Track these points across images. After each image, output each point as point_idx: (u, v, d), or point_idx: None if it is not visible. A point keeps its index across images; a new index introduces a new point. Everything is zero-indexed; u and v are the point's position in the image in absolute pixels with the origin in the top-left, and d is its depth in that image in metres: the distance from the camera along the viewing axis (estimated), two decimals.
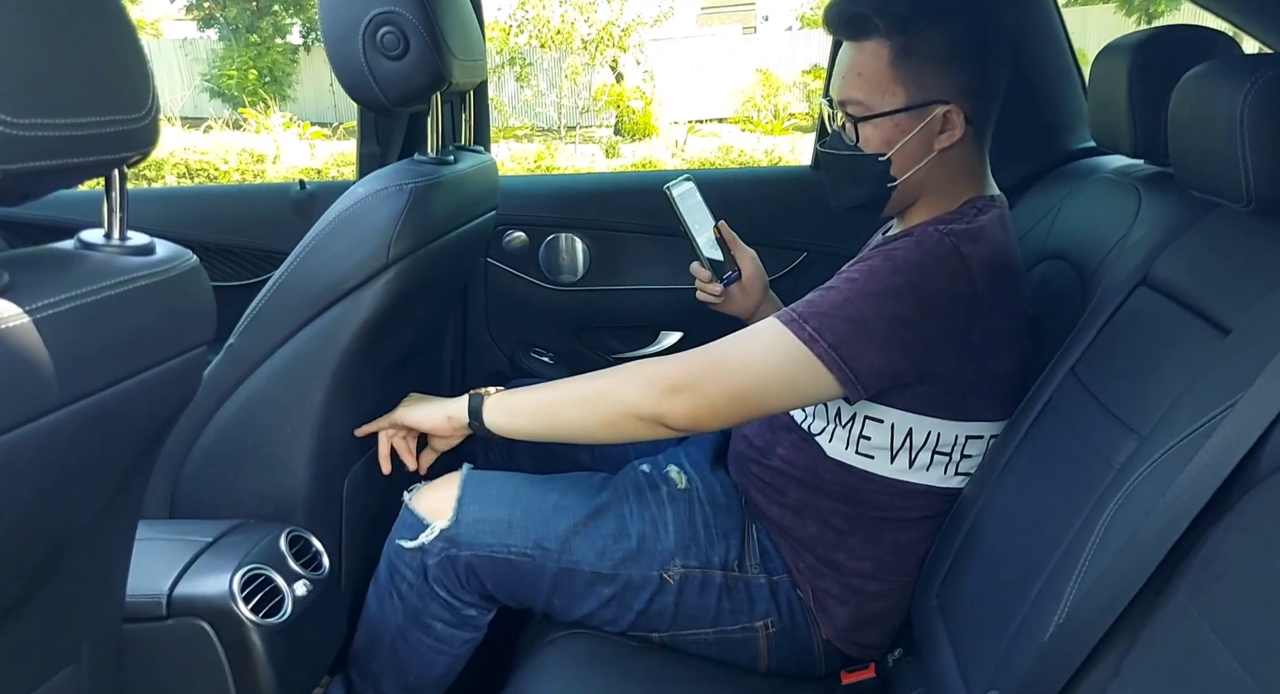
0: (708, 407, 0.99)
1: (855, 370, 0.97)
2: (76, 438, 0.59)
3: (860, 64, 1.05)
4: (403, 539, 1.11)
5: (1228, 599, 0.63)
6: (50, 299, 0.55)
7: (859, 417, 1.07)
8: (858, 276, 0.99)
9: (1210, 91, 0.81)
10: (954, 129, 1.05)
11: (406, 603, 1.11)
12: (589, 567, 1.08)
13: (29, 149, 0.52)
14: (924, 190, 1.09)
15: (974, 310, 0.99)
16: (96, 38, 0.58)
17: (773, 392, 0.99)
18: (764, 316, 1.32)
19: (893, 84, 1.04)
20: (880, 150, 1.06)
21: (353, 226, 1.11)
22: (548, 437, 1.10)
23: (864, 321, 0.97)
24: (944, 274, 0.99)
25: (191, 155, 7.15)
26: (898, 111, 1.04)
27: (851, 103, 1.07)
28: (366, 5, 1.08)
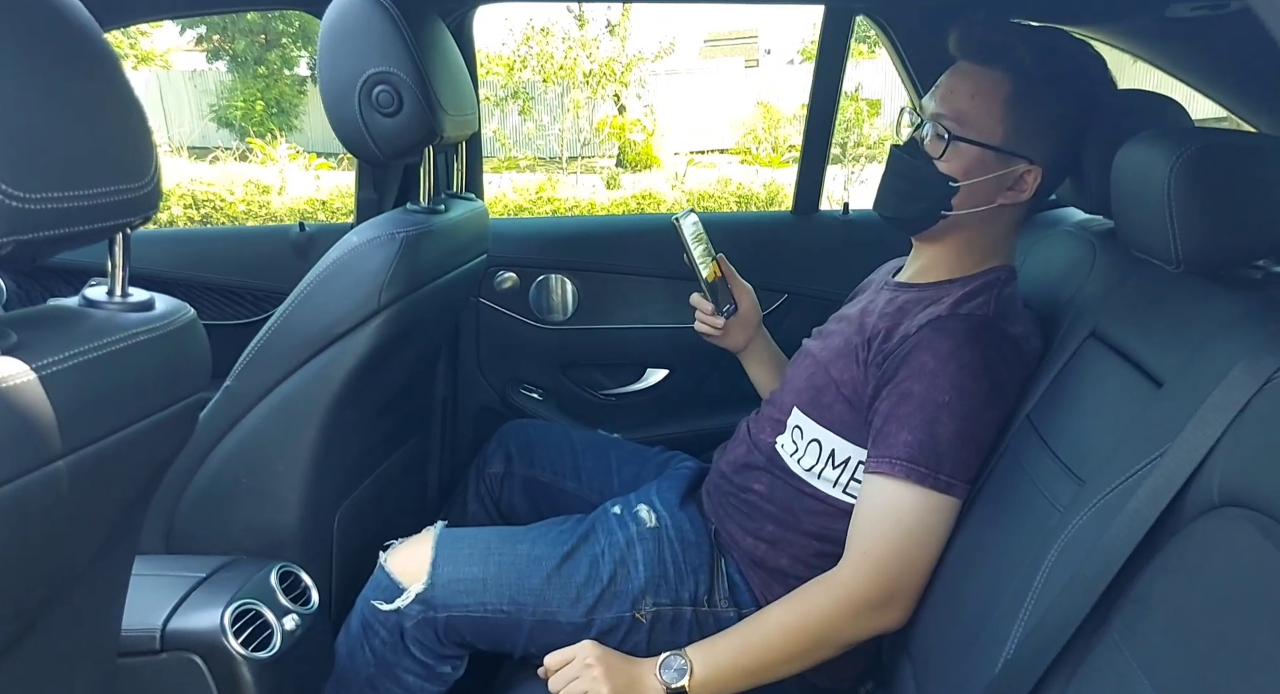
0: (912, 599, 1.02)
1: (972, 481, 1.02)
2: (78, 483, 0.63)
3: (976, 86, 1.06)
4: (378, 601, 1.12)
5: (1153, 637, 0.67)
6: (55, 356, 0.60)
7: (853, 461, 1.10)
8: (949, 399, 1.00)
9: (1144, 160, 0.86)
10: (1023, 191, 1.08)
11: (379, 656, 1.12)
12: (564, 617, 1.10)
13: (39, 221, 0.57)
14: (962, 236, 1.11)
15: (1016, 386, 1.05)
16: (104, 110, 0.63)
17: (936, 545, 1.01)
18: (755, 352, 1.37)
19: (998, 120, 1.05)
20: (954, 176, 1.07)
21: (346, 273, 1.16)
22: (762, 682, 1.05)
23: (975, 440, 1.01)
24: (1008, 365, 1.03)
25: (198, 186, 7.23)
26: (989, 147, 1.06)
27: (951, 118, 1.07)
28: (363, 65, 1.14)
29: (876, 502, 1.02)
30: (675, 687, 1.01)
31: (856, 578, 1.01)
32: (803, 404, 1.16)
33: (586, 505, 1.39)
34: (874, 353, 1.08)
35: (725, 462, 1.25)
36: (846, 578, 1.02)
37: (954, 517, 1.01)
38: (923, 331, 1.04)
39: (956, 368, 1.00)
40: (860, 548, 1.02)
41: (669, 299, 1.82)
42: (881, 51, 9.98)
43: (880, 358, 1.07)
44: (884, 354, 1.07)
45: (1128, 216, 0.91)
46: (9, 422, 0.55)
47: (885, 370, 1.05)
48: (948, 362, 1.01)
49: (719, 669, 1.02)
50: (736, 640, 1.04)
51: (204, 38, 12.91)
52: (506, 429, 1.51)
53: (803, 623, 1.02)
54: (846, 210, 1.91)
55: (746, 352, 1.38)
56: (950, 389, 1.00)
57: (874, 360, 1.08)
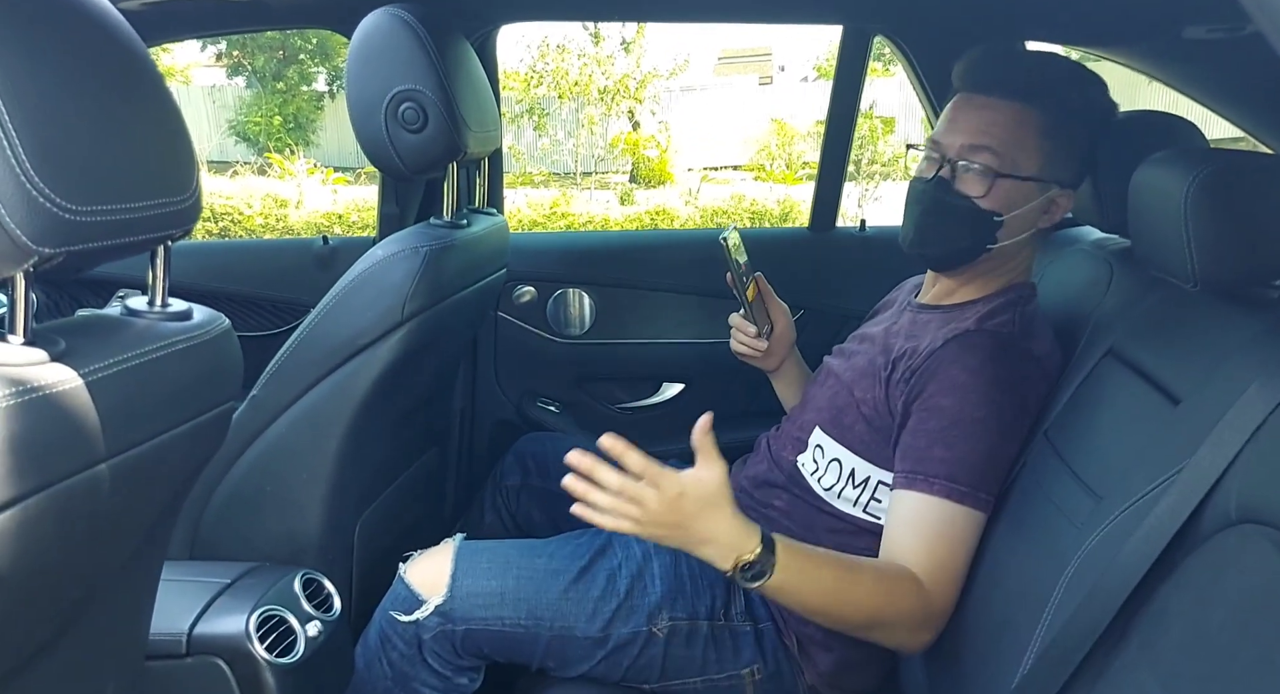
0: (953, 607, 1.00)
1: (997, 495, 1.02)
2: (118, 487, 0.65)
3: (1009, 121, 1.06)
4: (397, 611, 1.12)
5: (1170, 652, 0.68)
6: (100, 364, 0.62)
7: (872, 481, 1.10)
8: (982, 415, 1.00)
9: (1161, 180, 0.88)
10: (1056, 213, 1.10)
11: (396, 669, 1.13)
12: (581, 632, 1.11)
13: (90, 232, 0.59)
14: (994, 261, 1.12)
15: (1045, 401, 1.06)
16: (149, 126, 0.66)
17: (971, 558, 1.01)
18: (787, 371, 1.38)
19: (1035, 150, 1.07)
20: (998, 210, 1.07)
21: (370, 286, 1.18)
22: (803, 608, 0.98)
23: (1006, 456, 1.02)
24: (1030, 382, 1.05)
25: (217, 200, 7.31)
26: (1030, 178, 1.07)
27: (987, 152, 1.07)
28: (390, 83, 1.16)
29: (916, 518, 1.00)
30: (744, 584, 0.93)
31: (939, 598, 0.98)
32: (824, 423, 1.17)
33: None
34: (899, 372, 1.09)
35: (745, 476, 1.26)
36: (933, 597, 0.98)
37: (981, 531, 1.01)
38: (949, 346, 1.05)
39: (987, 383, 1.01)
40: (939, 567, 0.98)
41: (686, 313, 1.83)
42: (896, 69, 10.02)
43: (906, 375, 1.07)
44: (910, 370, 1.07)
45: (1145, 235, 0.92)
46: (59, 425, 0.57)
47: (913, 386, 1.06)
48: (978, 376, 1.01)
49: (788, 593, 0.94)
50: (824, 583, 0.95)
51: (224, 53, 13.09)
52: (523, 442, 1.53)
53: (884, 604, 0.97)
54: (863, 227, 1.92)
55: (779, 371, 1.39)
56: (983, 404, 1.00)
57: (900, 378, 1.08)
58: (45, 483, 0.57)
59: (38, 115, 0.55)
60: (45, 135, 0.56)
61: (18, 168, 0.54)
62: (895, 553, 1.01)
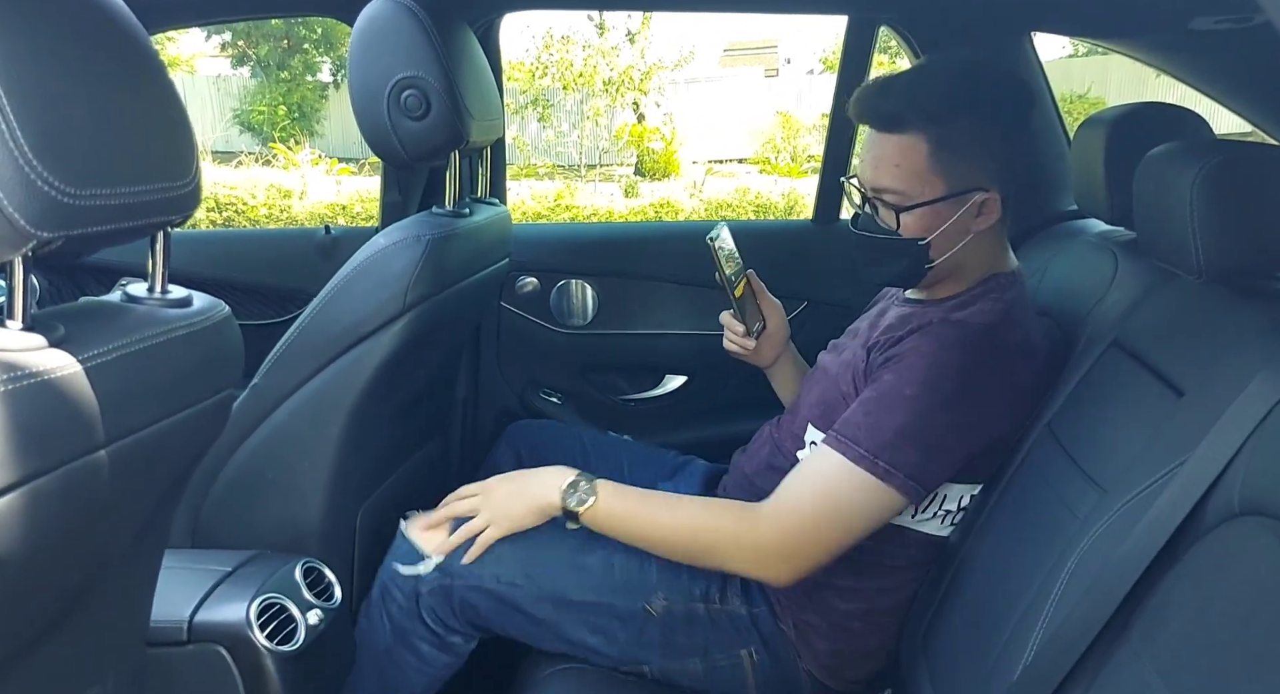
0: (808, 566, 1.03)
1: (924, 485, 1.02)
2: (118, 473, 0.65)
3: (896, 156, 1.07)
4: (399, 563, 1.15)
5: (1173, 644, 0.68)
6: (99, 349, 0.62)
7: None
8: (911, 393, 1.01)
9: (1166, 171, 0.87)
10: (990, 213, 1.09)
11: (394, 623, 1.15)
12: (576, 596, 1.12)
13: (89, 217, 0.59)
14: (957, 267, 1.13)
15: (1012, 397, 1.05)
16: (149, 111, 0.65)
17: (858, 528, 1.03)
18: (782, 367, 1.37)
19: (931, 174, 1.06)
20: (919, 235, 1.08)
21: (372, 274, 1.18)
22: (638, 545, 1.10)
23: (926, 440, 1.01)
24: (988, 374, 1.04)
25: (221, 190, 7.31)
26: (937, 201, 1.07)
27: (889, 192, 1.08)
28: (392, 70, 1.16)
29: (815, 466, 1.05)
30: (570, 508, 1.08)
31: (769, 522, 1.03)
32: (815, 419, 1.17)
33: None
34: (873, 359, 1.11)
35: (748, 463, 1.26)
36: (761, 518, 1.04)
37: (888, 505, 1.01)
38: (912, 335, 1.08)
39: (927, 365, 1.03)
40: (785, 499, 1.04)
41: (688, 305, 1.83)
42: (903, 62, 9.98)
43: (880, 360, 1.09)
44: (884, 358, 1.09)
45: (1150, 227, 0.92)
46: (58, 410, 0.57)
47: (878, 371, 1.08)
48: (923, 359, 1.03)
49: (612, 517, 1.08)
50: (645, 505, 1.08)
51: (229, 43, 13.07)
52: (514, 429, 1.53)
53: (704, 528, 1.06)
54: None
55: (774, 367, 1.39)
56: (915, 384, 1.02)
57: (873, 365, 1.10)
58: (44, 468, 0.57)
59: (37, 99, 0.55)
60: (44, 119, 0.56)
61: (16, 151, 0.53)
62: (784, 487, 1.06)
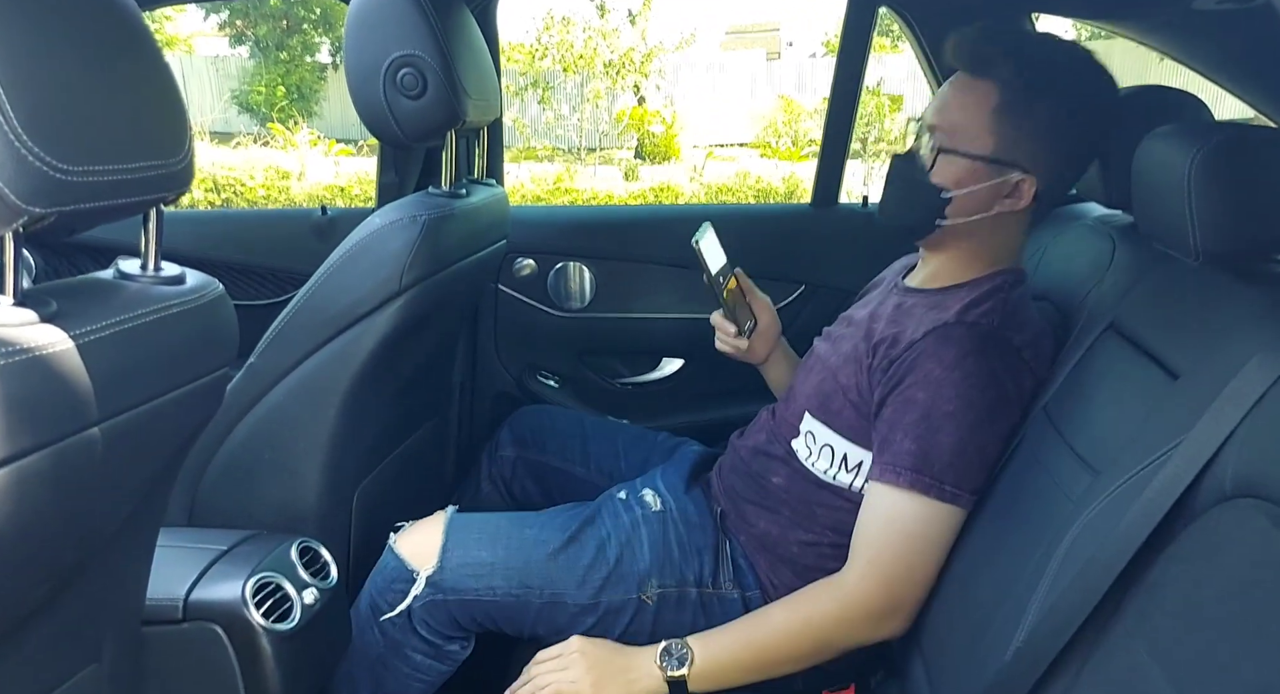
0: (914, 608, 1.02)
1: (977, 493, 1.01)
2: (111, 450, 0.65)
3: (965, 97, 1.06)
4: (389, 590, 1.13)
5: (1165, 625, 0.68)
6: (92, 326, 0.61)
7: (865, 465, 1.10)
8: (952, 408, 1.00)
9: (1164, 153, 0.87)
10: (1021, 198, 1.07)
11: (388, 636, 1.14)
12: (571, 599, 1.12)
13: (81, 193, 0.59)
14: (966, 242, 1.11)
15: (1024, 391, 1.05)
16: (141, 88, 0.65)
17: (940, 554, 1.02)
18: (775, 362, 1.36)
19: (986, 130, 1.05)
20: (945, 186, 1.07)
21: (368, 254, 1.18)
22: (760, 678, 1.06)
23: (977, 452, 1.01)
24: (1014, 376, 1.03)
25: (220, 171, 7.29)
26: (979, 158, 1.05)
27: (941, 130, 1.07)
28: (389, 48, 1.15)
29: (881, 510, 1.02)
30: (674, 675, 1.02)
31: (862, 586, 1.01)
32: (813, 409, 1.17)
33: (595, 489, 1.40)
34: (879, 359, 1.08)
35: (744, 445, 1.26)
36: (851, 585, 1.02)
37: (958, 526, 1.01)
38: (928, 338, 1.04)
39: (961, 377, 1.01)
40: (865, 556, 1.02)
41: (686, 289, 1.83)
42: (905, 45, 9.91)
43: (885, 364, 1.07)
44: (889, 360, 1.07)
45: (1148, 209, 0.91)
46: (50, 387, 0.57)
47: (890, 376, 1.05)
48: (953, 371, 1.01)
49: (719, 662, 1.03)
50: (739, 635, 1.05)
51: (227, 23, 12.98)
52: (518, 415, 1.53)
53: (805, 626, 1.03)
54: (866, 203, 1.91)
55: (767, 363, 1.38)
56: (954, 399, 1.00)
57: (879, 366, 1.08)
58: (36, 445, 0.57)
59: (28, 74, 0.55)
60: (36, 95, 0.55)
61: (7, 127, 0.53)
62: (859, 543, 1.04)
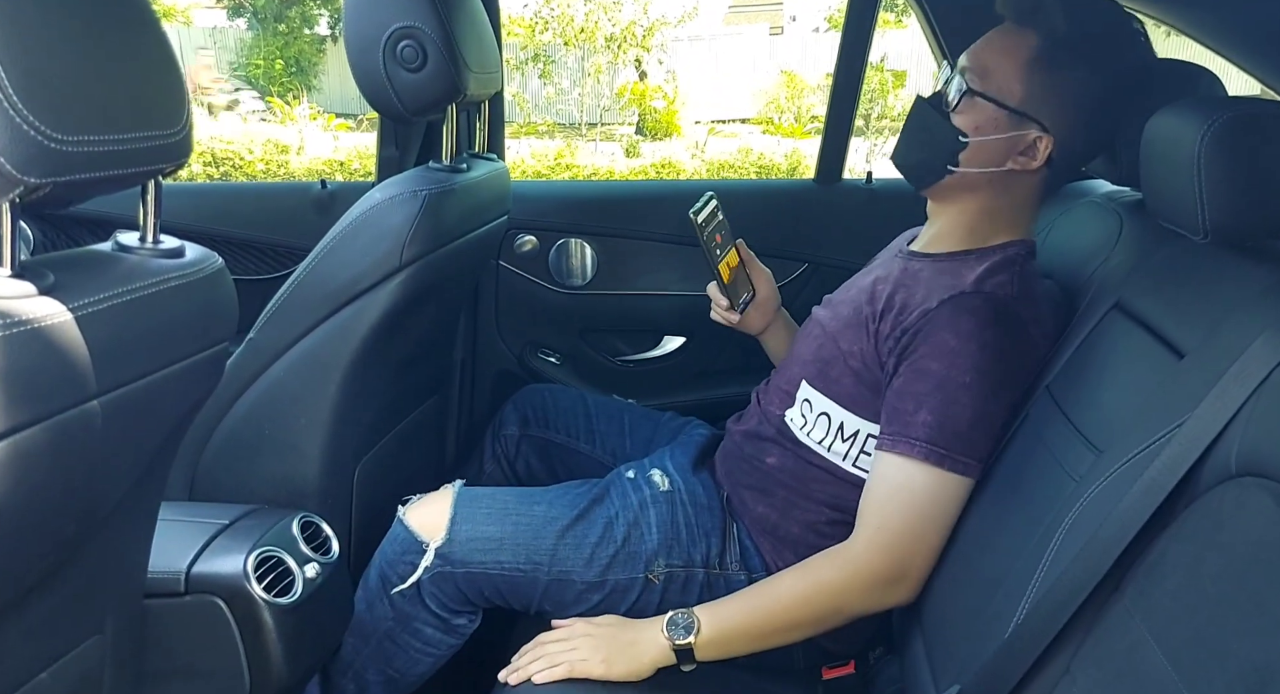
0: (922, 576, 1.02)
1: (986, 462, 1.01)
2: (111, 423, 0.65)
3: (1004, 44, 1.06)
4: (399, 558, 1.13)
5: (1164, 603, 0.68)
6: (90, 298, 0.61)
7: (861, 434, 1.10)
8: (969, 380, 0.99)
9: (1174, 129, 0.85)
10: (1034, 159, 1.06)
11: (397, 609, 1.14)
12: (578, 576, 1.12)
13: (77, 163, 0.58)
14: (972, 199, 1.10)
15: (1031, 365, 1.05)
16: (139, 58, 0.64)
17: (949, 522, 1.02)
18: (774, 333, 1.35)
19: (1017, 80, 1.04)
20: (964, 130, 1.06)
21: (368, 229, 1.17)
22: (767, 646, 1.06)
23: (991, 423, 1.01)
24: (1021, 348, 1.03)
25: (218, 145, 7.24)
26: (1003, 106, 1.05)
27: (974, 71, 1.07)
28: (388, 19, 1.14)
29: (892, 479, 1.02)
30: (681, 644, 1.02)
31: (869, 553, 1.02)
32: (810, 377, 1.16)
33: (600, 467, 1.41)
34: (889, 326, 1.07)
35: (739, 430, 1.25)
36: (859, 552, 1.02)
37: (966, 496, 1.01)
38: (944, 307, 1.03)
39: (978, 349, 1.00)
40: (874, 524, 1.02)
41: (688, 266, 1.82)
42: (909, 20, 9.82)
43: (898, 333, 1.06)
44: (902, 328, 1.06)
45: (1156, 186, 0.90)
46: (48, 360, 0.57)
47: (903, 345, 1.05)
48: (969, 342, 1.00)
49: (725, 630, 1.03)
50: (745, 603, 1.05)
51: None
52: (522, 393, 1.53)
53: (813, 593, 1.03)
54: (870, 179, 1.89)
55: (765, 333, 1.37)
56: (970, 370, 0.99)
57: (890, 333, 1.07)
58: (37, 417, 0.57)
59: (23, 42, 0.54)
60: (31, 63, 0.54)
61: (2, 95, 0.52)
62: (866, 511, 1.03)
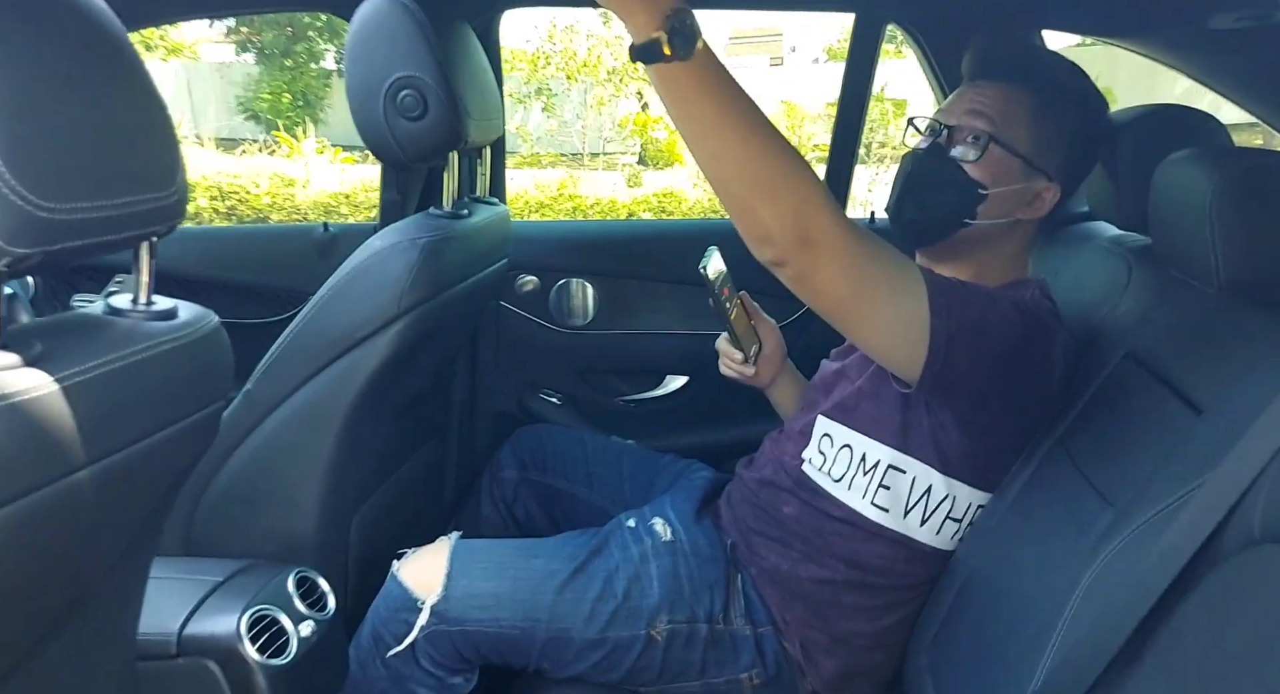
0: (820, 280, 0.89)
1: (943, 369, 0.91)
2: (101, 492, 0.63)
3: (1000, 99, 1.06)
4: (393, 617, 1.10)
5: (1188, 674, 0.65)
6: (79, 367, 0.59)
7: (882, 465, 1.08)
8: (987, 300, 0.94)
9: (1185, 177, 0.84)
10: (1040, 208, 1.07)
11: (391, 670, 1.11)
12: (578, 634, 1.09)
13: (67, 231, 0.57)
14: (977, 252, 1.09)
15: (1047, 384, 0.99)
16: (131, 119, 0.63)
17: (878, 320, 0.91)
18: (781, 385, 1.33)
19: (1025, 129, 1.05)
20: (983, 182, 1.05)
21: (367, 278, 1.16)
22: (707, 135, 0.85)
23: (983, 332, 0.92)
24: (1044, 342, 0.98)
25: (224, 179, 7.28)
26: (1019, 155, 1.05)
27: (983, 118, 1.05)
28: (389, 69, 1.13)
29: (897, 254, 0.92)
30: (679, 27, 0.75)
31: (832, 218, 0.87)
32: (828, 412, 1.15)
33: (599, 512, 1.39)
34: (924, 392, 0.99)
35: (752, 477, 1.23)
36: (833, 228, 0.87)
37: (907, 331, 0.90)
38: None
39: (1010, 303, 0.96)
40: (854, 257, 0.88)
41: (690, 305, 1.80)
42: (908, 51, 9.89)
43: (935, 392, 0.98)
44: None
45: (1167, 235, 0.89)
46: (32, 433, 0.55)
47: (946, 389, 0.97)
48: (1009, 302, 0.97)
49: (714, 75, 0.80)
50: (745, 96, 0.82)
51: (233, 30, 13.01)
52: (520, 435, 1.51)
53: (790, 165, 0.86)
54: (873, 220, 1.88)
55: (772, 386, 1.34)
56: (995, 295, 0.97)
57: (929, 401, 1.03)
58: (18, 493, 0.55)
59: (10, 108, 0.53)
60: (18, 129, 0.53)
61: None
62: None
